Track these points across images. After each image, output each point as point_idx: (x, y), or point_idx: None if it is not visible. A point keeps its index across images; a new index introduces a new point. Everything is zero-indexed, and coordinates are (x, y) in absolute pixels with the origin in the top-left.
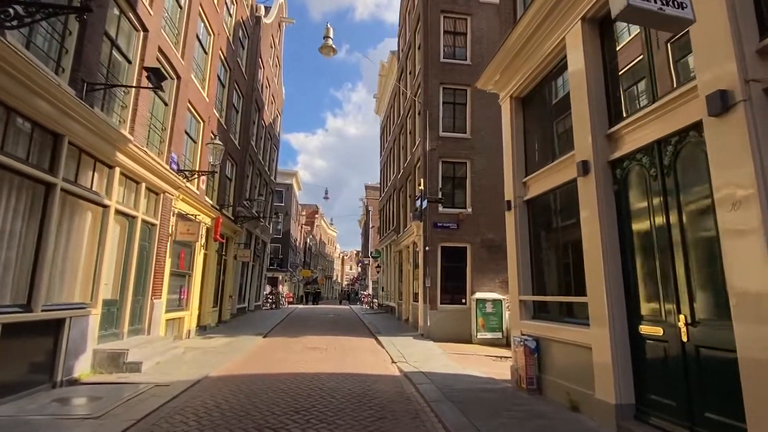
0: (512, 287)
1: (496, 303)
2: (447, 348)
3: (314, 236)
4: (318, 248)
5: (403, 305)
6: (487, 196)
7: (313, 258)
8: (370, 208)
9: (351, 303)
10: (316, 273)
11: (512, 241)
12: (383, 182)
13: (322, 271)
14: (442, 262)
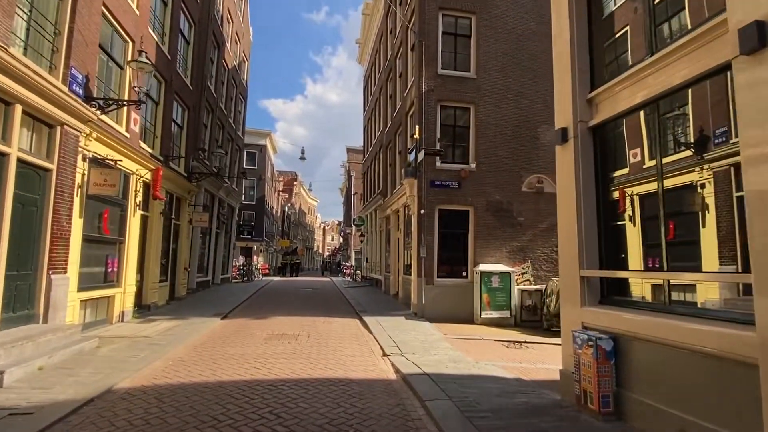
0: (566, 257)
1: (503, 276)
2: (447, 330)
3: (293, 205)
4: (297, 217)
5: (392, 278)
6: (494, 150)
7: (292, 227)
8: (353, 173)
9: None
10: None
11: (568, 187)
12: (367, 141)
13: (302, 241)
14: (440, 228)
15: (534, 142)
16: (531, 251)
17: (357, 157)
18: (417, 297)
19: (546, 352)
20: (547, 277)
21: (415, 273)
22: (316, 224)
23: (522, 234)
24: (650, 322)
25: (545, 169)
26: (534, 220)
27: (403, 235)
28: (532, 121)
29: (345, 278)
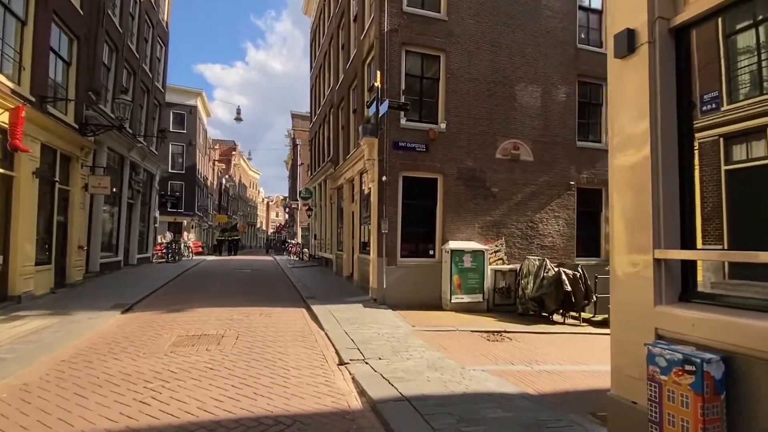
0: (626, 230)
1: (476, 255)
2: (414, 320)
3: (232, 177)
4: (237, 191)
5: (345, 257)
6: (467, 109)
7: (231, 202)
8: (299, 142)
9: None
10: (235, 219)
11: (634, 124)
12: (314, 104)
13: (243, 217)
14: (404, 198)
15: (511, 102)
16: (505, 227)
17: (303, 125)
18: (377, 280)
19: (532, 344)
20: (521, 255)
21: (374, 252)
22: (259, 199)
23: (496, 207)
24: None
25: (521, 134)
26: (508, 192)
27: (359, 208)
28: (509, 78)
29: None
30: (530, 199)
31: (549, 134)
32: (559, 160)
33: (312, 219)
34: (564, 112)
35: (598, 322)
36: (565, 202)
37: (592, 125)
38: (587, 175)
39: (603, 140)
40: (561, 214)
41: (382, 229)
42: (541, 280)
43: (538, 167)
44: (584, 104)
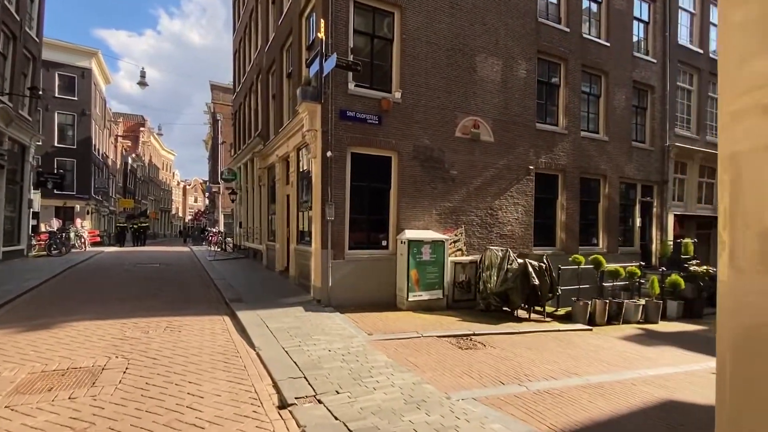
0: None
1: (435, 246)
2: (369, 325)
3: (140, 156)
4: (147, 172)
5: (278, 249)
6: (424, 78)
7: (141, 185)
8: (220, 117)
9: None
10: (145, 204)
11: None
12: (238, 70)
13: (155, 202)
14: (353, 179)
15: (471, 74)
16: (464, 214)
17: (226, 98)
18: (321, 277)
19: (509, 351)
20: (480, 245)
21: (317, 243)
22: (174, 182)
23: (455, 192)
24: None
25: (482, 111)
26: (468, 175)
27: (296, 191)
28: (470, 47)
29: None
30: (490, 183)
31: (509, 113)
32: (518, 143)
33: (236, 204)
34: (524, 90)
35: (562, 316)
36: (524, 187)
37: (550, 107)
38: (545, 160)
39: (560, 123)
40: (520, 200)
41: (327, 216)
42: (506, 273)
43: (498, 149)
44: (543, 84)
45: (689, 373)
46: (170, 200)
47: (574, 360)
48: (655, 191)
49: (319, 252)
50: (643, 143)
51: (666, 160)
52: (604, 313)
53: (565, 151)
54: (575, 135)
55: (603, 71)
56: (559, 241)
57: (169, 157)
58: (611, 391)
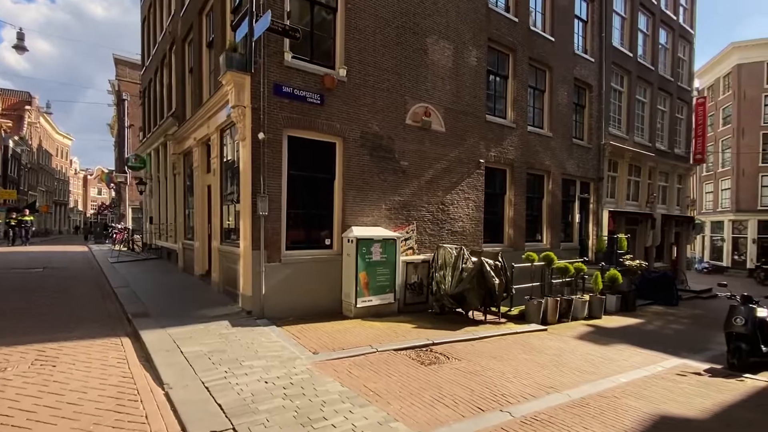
0: None
1: (386, 245)
2: (314, 340)
3: (25, 139)
4: (36, 159)
5: (198, 248)
6: (372, 55)
7: (26, 173)
8: (127, 97)
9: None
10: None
11: None
12: (148, 40)
13: (47, 194)
14: (291, 168)
15: (422, 56)
16: (415, 209)
17: (133, 74)
18: (252, 283)
19: (476, 363)
20: (431, 243)
21: (246, 242)
22: (72, 171)
23: (406, 185)
24: None
25: (433, 98)
26: (419, 167)
27: (220, 180)
28: (420, 26)
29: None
30: (441, 177)
31: (460, 103)
32: (469, 134)
33: (146, 196)
34: (475, 79)
35: (516, 316)
36: (474, 182)
37: (499, 99)
38: (495, 154)
39: (508, 116)
40: (471, 195)
41: (259, 211)
42: (461, 273)
43: (449, 140)
44: (492, 75)
45: (656, 376)
46: (67, 192)
47: (544, 369)
48: (592, 188)
49: (249, 253)
50: (582, 140)
51: (601, 158)
52: (555, 311)
53: (513, 146)
54: (522, 129)
55: (548, 66)
56: (507, 238)
57: (65, 142)
58: (599, 409)
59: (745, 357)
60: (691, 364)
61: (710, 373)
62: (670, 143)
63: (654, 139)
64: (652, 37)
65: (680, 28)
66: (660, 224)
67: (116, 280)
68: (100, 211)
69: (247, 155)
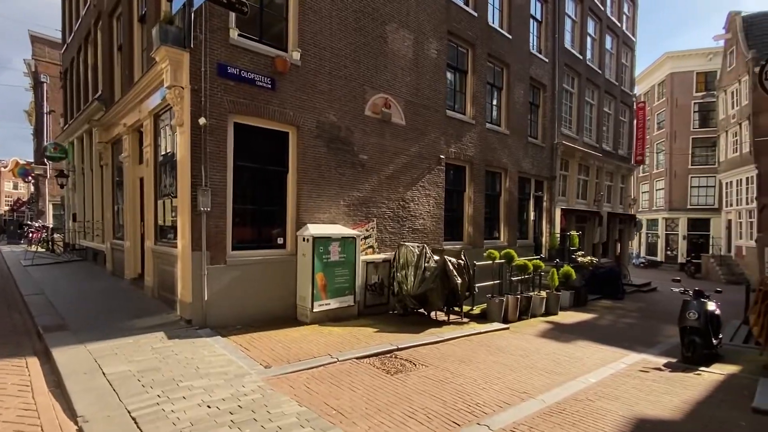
0: None
1: (346, 243)
2: (265, 351)
3: None
4: None
5: (128, 250)
6: (329, 39)
7: None
8: (45, 79)
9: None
10: None
11: None
12: (70, 15)
13: None
14: (237, 159)
15: (381, 44)
16: (375, 206)
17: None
18: (192, 288)
19: (444, 369)
20: (392, 241)
21: (186, 242)
22: None
23: (365, 180)
24: None
25: (393, 89)
26: (379, 161)
27: (154, 172)
28: (380, 12)
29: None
30: (402, 172)
31: (421, 96)
32: (430, 129)
33: (69, 190)
34: (435, 72)
35: (478, 315)
36: (435, 178)
37: (459, 95)
38: (455, 150)
39: (468, 112)
40: (432, 192)
41: (200, 206)
42: (423, 272)
43: (409, 134)
44: (452, 69)
45: (622, 374)
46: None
47: (513, 372)
48: (546, 186)
49: (189, 254)
50: (536, 139)
51: (554, 157)
52: (516, 309)
53: (472, 142)
54: (481, 126)
55: (505, 63)
56: (467, 236)
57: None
58: (577, 415)
59: (699, 350)
60: (650, 359)
61: (670, 368)
62: (614, 144)
63: (600, 140)
64: (600, 42)
65: (624, 35)
66: (606, 222)
67: (28, 286)
68: (16, 208)
69: (186, 143)
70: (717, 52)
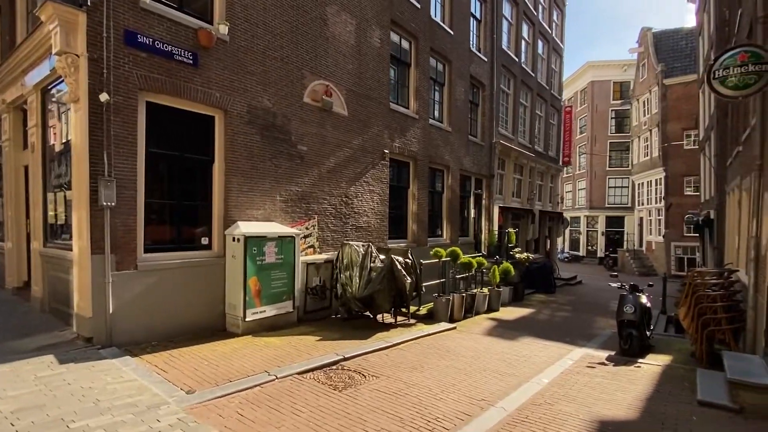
0: None
1: (283, 243)
2: (186, 372)
3: None
4: None
5: (10, 253)
6: (262, 13)
7: None
8: None
9: None
10: None
11: None
12: None
13: None
14: (150, 145)
15: (321, 27)
16: (316, 201)
17: None
18: (92, 299)
19: (397, 379)
20: (335, 240)
21: (84, 243)
22: None
23: (304, 173)
24: None
25: (334, 76)
26: (319, 153)
27: (42, 159)
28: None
29: None
30: (344, 166)
31: (364, 86)
32: (373, 121)
33: None
34: (378, 62)
35: (425, 316)
36: (379, 173)
37: (402, 88)
38: (399, 145)
39: (411, 106)
40: (376, 188)
41: (103, 200)
42: (369, 273)
43: (352, 125)
44: (395, 61)
45: (572, 371)
46: None
47: (468, 377)
48: (485, 184)
49: (88, 258)
50: (476, 138)
51: (492, 156)
52: (461, 307)
53: (416, 138)
54: (425, 122)
55: (447, 59)
56: (411, 234)
57: None
58: (540, 422)
59: (636, 343)
60: (592, 353)
61: (612, 362)
62: (545, 145)
63: (533, 141)
64: (533, 46)
65: (554, 41)
66: (538, 219)
67: None
68: None
69: (83, 124)
70: (631, 64)
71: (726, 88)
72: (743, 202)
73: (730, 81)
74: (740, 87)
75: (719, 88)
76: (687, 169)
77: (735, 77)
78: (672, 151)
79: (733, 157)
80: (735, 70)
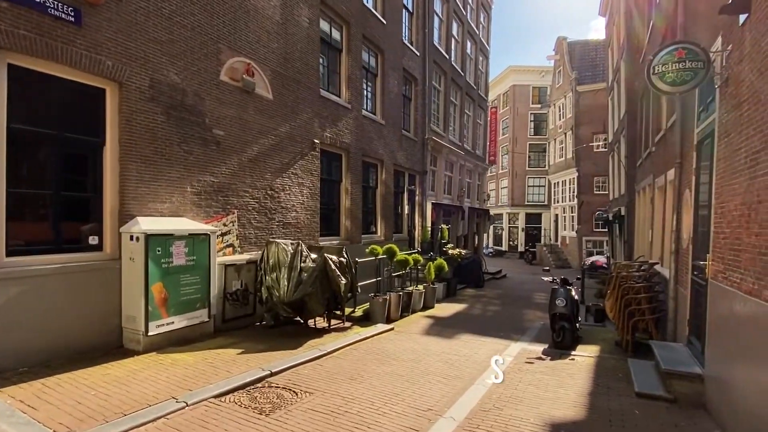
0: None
1: (196, 242)
2: (64, 408)
3: None
4: None
5: None
6: None
7: None
8: None
9: None
10: None
11: None
12: None
13: None
14: (14, 120)
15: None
16: (236, 195)
17: None
18: None
19: (334, 394)
20: (260, 238)
21: None
22: None
23: (222, 162)
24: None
25: (257, 54)
26: (240, 140)
27: None
28: None
29: None
30: (270, 156)
31: (291, 68)
32: (302, 108)
33: None
34: (307, 43)
35: (361, 317)
36: (309, 165)
37: (333, 75)
38: (330, 135)
39: (343, 95)
40: (305, 181)
41: None
42: (300, 274)
43: (278, 110)
44: (326, 45)
45: (514, 370)
46: None
47: (410, 383)
48: (417, 180)
49: None
50: (409, 133)
51: (425, 152)
52: (398, 306)
53: (348, 128)
54: (357, 112)
55: (380, 49)
56: (344, 230)
57: None
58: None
59: (569, 335)
60: (528, 348)
61: (548, 355)
62: (473, 144)
63: (462, 139)
64: (462, 45)
65: (481, 43)
66: (467, 216)
67: None
68: None
69: None
70: (548, 71)
71: (665, 84)
72: (656, 199)
73: (668, 77)
74: (677, 83)
75: (658, 83)
76: (597, 169)
77: (673, 73)
78: (584, 153)
79: (644, 158)
80: (673, 66)
